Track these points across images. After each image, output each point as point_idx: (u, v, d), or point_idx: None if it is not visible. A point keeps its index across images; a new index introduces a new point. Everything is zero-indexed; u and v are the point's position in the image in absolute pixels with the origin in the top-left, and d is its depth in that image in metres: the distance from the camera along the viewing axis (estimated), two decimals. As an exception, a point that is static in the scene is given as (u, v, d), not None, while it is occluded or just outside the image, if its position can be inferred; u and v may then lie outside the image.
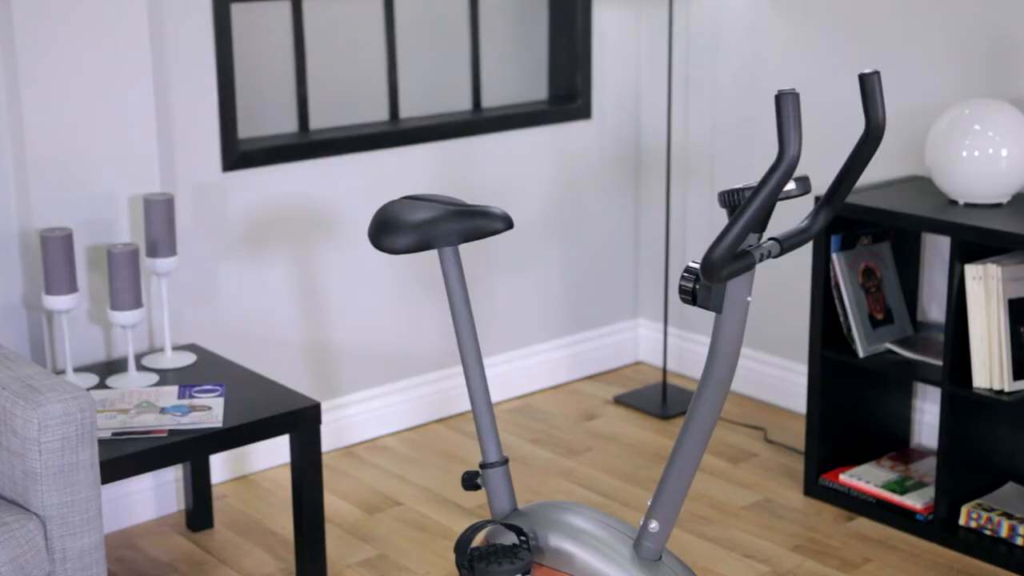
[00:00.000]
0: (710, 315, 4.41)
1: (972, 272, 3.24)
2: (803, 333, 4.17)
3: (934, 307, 3.77)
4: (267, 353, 3.80)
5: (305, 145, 3.76)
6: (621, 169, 4.51)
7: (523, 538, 2.50)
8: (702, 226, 4.40)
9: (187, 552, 3.40)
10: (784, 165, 2.01)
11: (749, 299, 2.28)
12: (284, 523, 3.54)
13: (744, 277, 2.26)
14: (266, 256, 3.75)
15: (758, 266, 4.25)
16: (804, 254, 4.11)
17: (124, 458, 2.79)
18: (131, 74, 3.31)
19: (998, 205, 3.38)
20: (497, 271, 4.27)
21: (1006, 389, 3.25)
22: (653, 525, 2.44)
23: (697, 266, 2.28)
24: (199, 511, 3.50)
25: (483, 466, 2.62)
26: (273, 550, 3.40)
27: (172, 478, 3.59)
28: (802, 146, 2.34)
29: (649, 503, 2.44)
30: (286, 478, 3.80)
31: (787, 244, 2.32)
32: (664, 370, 4.36)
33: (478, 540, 2.64)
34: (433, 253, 4.09)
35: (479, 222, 2.53)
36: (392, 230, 2.53)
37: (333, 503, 3.65)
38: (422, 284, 4.10)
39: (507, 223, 2.54)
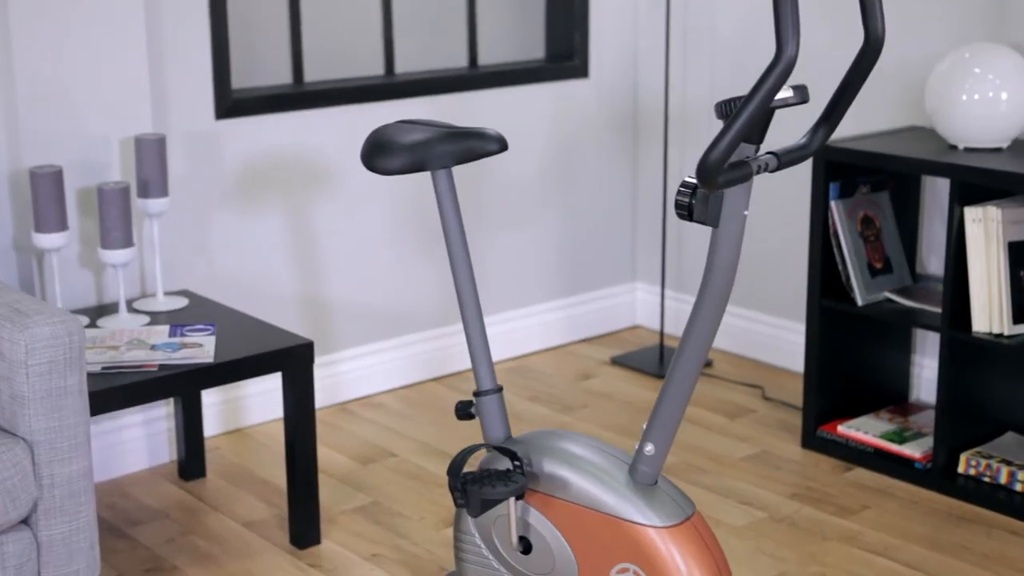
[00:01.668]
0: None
1: (972, 215, 3.21)
2: (800, 291, 4.14)
3: (933, 260, 3.74)
4: (260, 305, 3.77)
5: (299, 95, 3.73)
6: (619, 129, 4.48)
7: (517, 463, 2.46)
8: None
9: (179, 499, 3.37)
10: (782, 64, 1.97)
11: (746, 213, 2.25)
12: (277, 473, 3.51)
13: (741, 190, 2.23)
14: (260, 206, 3.71)
15: (754, 224, 4.22)
16: (802, 205, 4.08)
17: (114, 390, 2.76)
18: (123, 14, 3.28)
19: (998, 150, 3.35)
20: (493, 230, 4.24)
21: (1006, 333, 3.22)
22: (649, 448, 2.41)
23: (693, 180, 2.25)
24: (191, 461, 3.47)
25: (477, 394, 2.59)
26: (266, 498, 3.37)
27: (164, 428, 3.55)
28: (799, 47, 2.30)
29: (645, 426, 2.41)
30: (279, 431, 3.76)
31: (785, 159, 2.30)
32: (661, 332, 4.33)
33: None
34: (432, 210, 4.06)
35: (473, 143, 2.50)
36: (385, 151, 2.50)
37: (326, 455, 3.62)
38: (420, 240, 4.06)
39: (501, 144, 2.50)
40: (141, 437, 3.52)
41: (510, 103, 4.18)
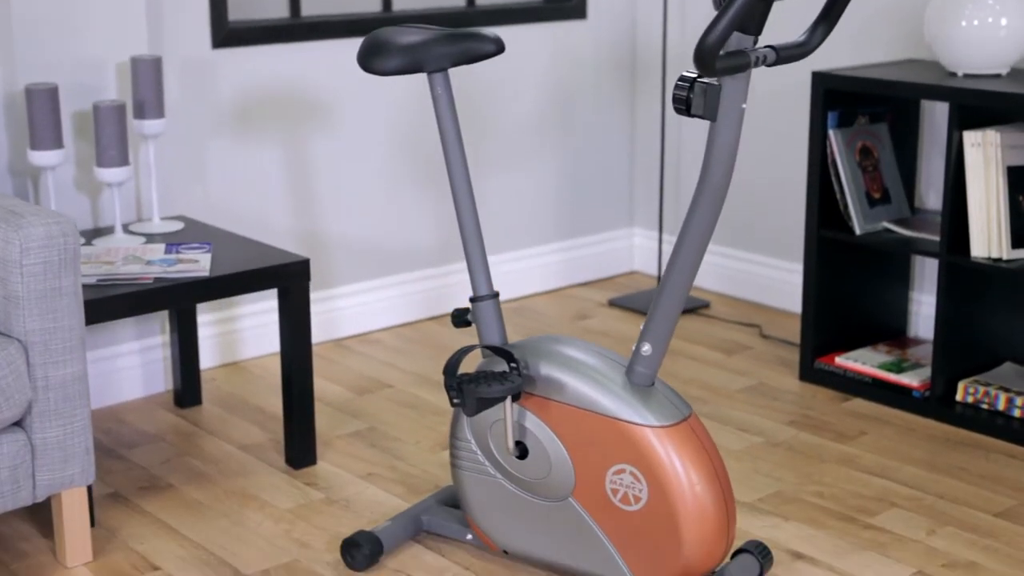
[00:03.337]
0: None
1: (971, 139, 3.20)
2: (797, 231, 4.12)
3: (931, 194, 3.72)
4: (256, 237, 3.75)
5: (296, 26, 3.72)
6: (616, 72, 4.47)
7: (513, 365, 2.45)
8: (698, 134, 4.35)
9: (175, 425, 3.36)
10: (780, -58, 1.96)
11: (744, 106, 2.24)
12: (273, 402, 3.50)
13: (739, 82, 2.22)
14: (257, 137, 3.70)
15: (752, 165, 4.21)
16: (798, 145, 4.06)
17: (109, 300, 2.75)
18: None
19: (997, 76, 3.34)
20: (491, 173, 4.22)
21: (1004, 257, 3.21)
22: (646, 348, 2.40)
23: (692, 73, 2.25)
24: (187, 390, 3.45)
25: (473, 300, 2.58)
26: (262, 424, 3.36)
27: (159, 357, 3.54)
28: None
29: (642, 327, 2.40)
30: (275, 365, 3.75)
31: (783, 54, 2.29)
32: (659, 278, 4.31)
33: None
34: (433, 146, 4.04)
35: (470, 44, 2.48)
36: (382, 52, 2.49)
37: (323, 385, 3.61)
38: (419, 177, 4.05)
39: (498, 46, 2.49)
40: (137, 366, 3.51)
41: (507, 43, 4.17)
